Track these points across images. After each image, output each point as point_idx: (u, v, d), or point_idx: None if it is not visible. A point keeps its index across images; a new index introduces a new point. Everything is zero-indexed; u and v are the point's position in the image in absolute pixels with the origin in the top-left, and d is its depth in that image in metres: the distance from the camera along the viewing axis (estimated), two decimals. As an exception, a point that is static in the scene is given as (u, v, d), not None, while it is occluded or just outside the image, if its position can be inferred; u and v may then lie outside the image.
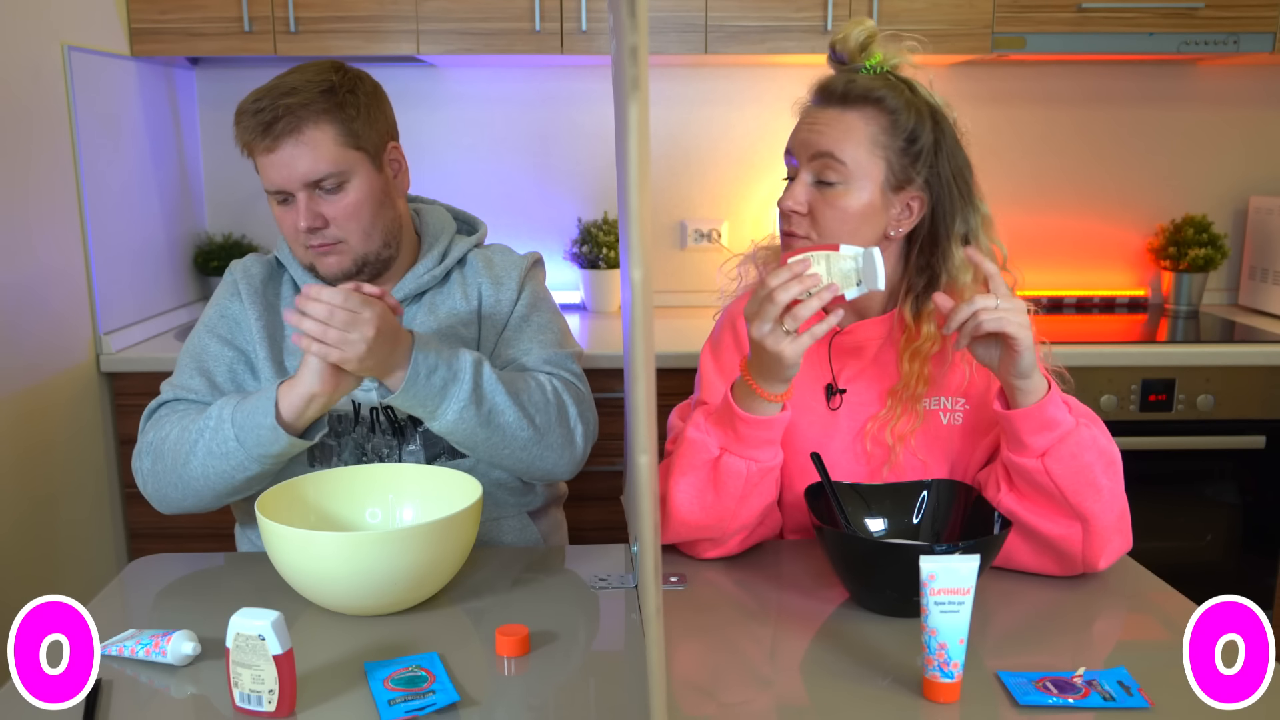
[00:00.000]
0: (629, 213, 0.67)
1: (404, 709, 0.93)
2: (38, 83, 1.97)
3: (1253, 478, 2.26)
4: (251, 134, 1.30)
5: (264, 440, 1.24)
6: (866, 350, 1.31)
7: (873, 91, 1.21)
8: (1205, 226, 2.63)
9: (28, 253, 1.94)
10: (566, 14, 2.27)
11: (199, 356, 1.40)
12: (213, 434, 1.26)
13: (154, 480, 1.33)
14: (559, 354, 1.42)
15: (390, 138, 1.40)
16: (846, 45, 1.26)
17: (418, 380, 1.23)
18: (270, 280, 1.45)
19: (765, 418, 1.17)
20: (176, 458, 1.29)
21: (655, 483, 0.73)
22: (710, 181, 2.71)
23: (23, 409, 1.91)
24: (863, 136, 1.21)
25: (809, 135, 1.23)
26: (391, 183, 1.39)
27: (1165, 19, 2.30)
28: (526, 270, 1.47)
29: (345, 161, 1.31)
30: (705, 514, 1.21)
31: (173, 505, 1.34)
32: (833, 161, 1.21)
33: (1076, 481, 1.14)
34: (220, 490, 1.29)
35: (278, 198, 1.33)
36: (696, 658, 1.05)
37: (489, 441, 1.30)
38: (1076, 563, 1.18)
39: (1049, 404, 1.14)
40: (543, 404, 1.33)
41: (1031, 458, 1.15)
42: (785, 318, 1.09)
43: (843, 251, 1.13)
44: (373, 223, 1.35)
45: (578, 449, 1.37)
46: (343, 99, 1.31)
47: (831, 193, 1.22)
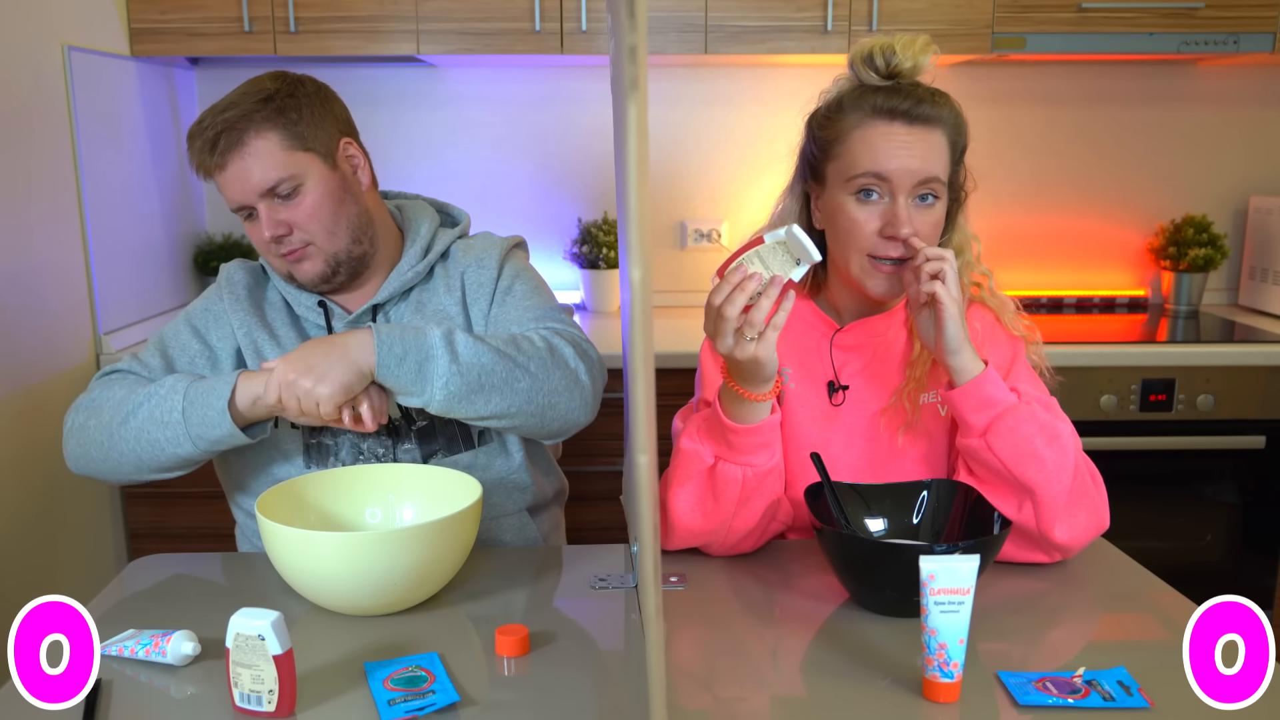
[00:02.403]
0: (629, 213, 0.67)
1: (404, 709, 0.93)
2: (38, 83, 1.97)
3: (1253, 478, 2.26)
4: (200, 156, 1.32)
5: (209, 420, 1.24)
6: (868, 347, 1.31)
7: (939, 109, 1.22)
8: (1205, 226, 2.63)
9: (28, 252, 1.94)
10: (566, 14, 2.27)
11: (167, 340, 1.41)
12: (160, 401, 1.26)
13: (79, 435, 1.33)
14: (545, 310, 1.40)
15: (343, 135, 1.39)
16: (903, 64, 1.21)
17: (389, 370, 1.23)
18: (257, 286, 1.45)
19: (755, 425, 1.17)
20: (115, 416, 1.29)
21: (655, 483, 0.73)
22: (710, 181, 2.71)
23: (22, 408, 1.91)
24: (945, 156, 1.23)
25: (909, 161, 1.20)
26: (351, 179, 1.38)
27: (1165, 19, 2.30)
28: (506, 250, 1.46)
29: (295, 165, 1.32)
30: (706, 520, 1.22)
31: (89, 465, 1.33)
32: (936, 184, 1.22)
33: (1017, 454, 1.15)
34: (143, 460, 1.29)
35: (243, 214, 1.35)
36: (696, 658, 1.05)
37: (490, 404, 1.26)
38: (1038, 540, 1.19)
39: (986, 381, 1.16)
40: (532, 351, 1.29)
41: (975, 437, 1.17)
42: (744, 328, 1.10)
43: (768, 241, 1.12)
44: (335, 221, 1.35)
45: (585, 386, 1.33)
46: (281, 104, 1.32)
47: (929, 210, 1.22)
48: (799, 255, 1.11)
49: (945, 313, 1.15)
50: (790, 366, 1.32)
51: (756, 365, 1.12)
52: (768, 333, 1.10)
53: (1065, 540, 1.18)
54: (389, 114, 2.65)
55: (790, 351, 1.32)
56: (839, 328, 1.32)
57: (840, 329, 1.32)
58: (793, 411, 1.31)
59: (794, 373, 1.32)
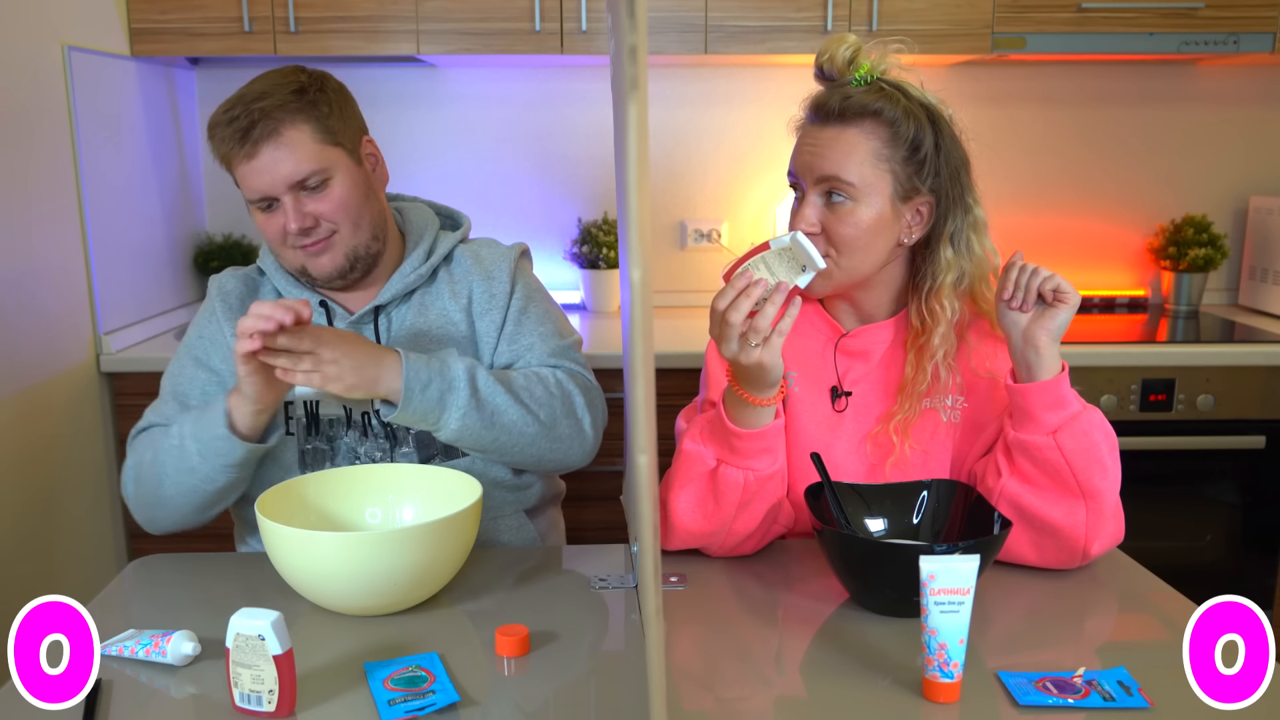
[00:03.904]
0: (629, 213, 0.67)
1: (404, 709, 0.93)
2: (38, 83, 1.97)
3: (1253, 478, 2.26)
4: (229, 144, 1.30)
5: (221, 451, 1.25)
6: (872, 354, 1.31)
7: (869, 105, 1.20)
8: (1205, 226, 2.63)
9: (27, 252, 1.94)
10: (566, 14, 2.27)
11: (176, 382, 1.42)
12: (177, 452, 1.28)
13: (139, 504, 1.36)
14: (560, 345, 1.43)
15: (363, 132, 1.41)
16: (834, 63, 1.24)
17: (413, 396, 1.25)
18: (249, 294, 1.45)
19: (758, 430, 1.17)
20: (153, 481, 1.31)
21: (655, 483, 0.73)
22: (710, 181, 2.71)
23: (23, 409, 1.91)
24: (865, 153, 1.20)
25: (811, 158, 1.22)
26: (371, 176, 1.40)
27: (1165, 19, 2.30)
28: (515, 262, 1.47)
29: (326, 159, 1.32)
30: (707, 522, 1.22)
31: (161, 525, 1.36)
32: (839, 183, 1.20)
33: (1086, 459, 1.15)
34: (198, 504, 1.31)
35: (261, 205, 1.33)
36: (696, 658, 1.05)
37: (497, 442, 1.31)
38: (1077, 550, 1.18)
39: (1063, 382, 1.16)
40: (545, 398, 1.34)
41: (1043, 434, 1.16)
42: (749, 333, 1.10)
43: (773, 247, 1.12)
44: (360, 215, 1.36)
45: (588, 438, 1.39)
46: (314, 97, 1.32)
47: (842, 209, 1.21)
48: (804, 262, 1.11)
49: (1070, 299, 1.16)
50: (795, 370, 1.32)
51: (761, 371, 1.12)
52: (773, 339, 1.10)
53: (1098, 550, 1.19)
54: (389, 114, 2.65)
55: (795, 355, 1.32)
56: (844, 333, 1.32)
57: (845, 334, 1.32)
58: (796, 416, 1.30)
59: (798, 376, 1.32)
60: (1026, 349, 1.17)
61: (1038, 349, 1.16)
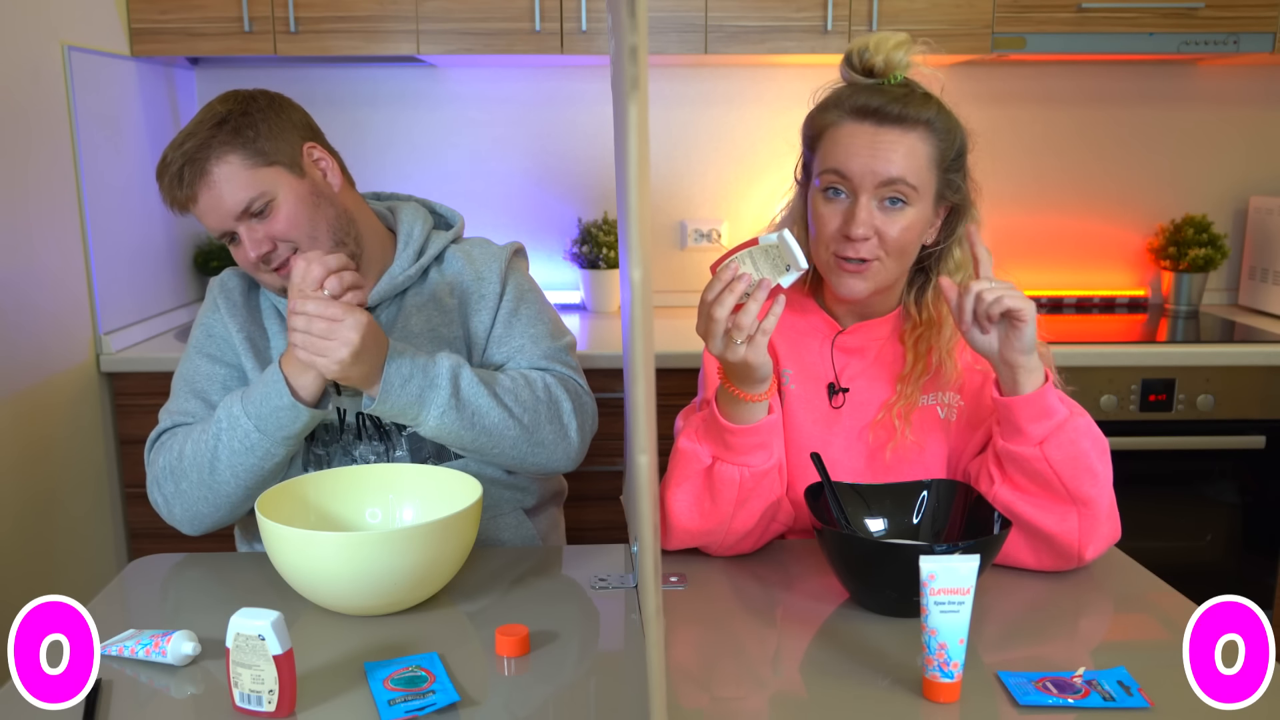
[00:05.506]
0: (629, 213, 0.67)
1: (404, 709, 0.93)
2: (38, 83, 1.97)
3: (1253, 478, 2.26)
4: (170, 193, 1.32)
5: (285, 421, 1.24)
6: (869, 350, 1.31)
7: (924, 113, 1.20)
8: (1205, 226, 2.63)
9: (27, 253, 1.94)
10: (566, 14, 2.27)
11: (192, 379, 1.40)
12: (229, 433, 1.26)
13: (180, 501, 1.32)
14: (552, 347, 1.42)
15: (305, 140, 1.38)
16: (889, 63, 1.22)
17: (391, 390, 1.23)
18: (250, 292, 1.45)
19: (751, 425, 1.17)
20: (200, 470, 1.29)
21: (655, 483, 0.73)
22: (710, 181, 2.71)
23: (23, 409, 1.91)
24: (925, 158, 1.21)
25: (873, 162, 1.20)
26: (321, 183, 1.38)
27: (1165, 19, 2.30)
28: (507, 261, 1.46)
29: (263, 182, 1.31)
30: (704, 520, 1.22)
31: (205, 521, 1.34)
32: (904, 187, 1.20)
33: (1074, 468, 1.15)
34: (252, 485, 1.29)
35: (226, 240, 1.35)
36: (696, 658, 1.05)
37: (477, 442, 1.30)
38: (1071, 555, 1.18)
39: (1048, 392, 1.15)
40: (531, 402, 1.33)
41: (1030, 446, 1.15)
42: (733, 330, 1.10)
43: (761, 243, 1.12)
44: (314, 226, 1.34)
45: (573, 444, 1.37)
46: (237, 124, 1.31)
47: (897, 213, 1.21)
48: (789, 262, 1.11)
49: (1025, 314, 1.12)
50: (791, 367, 1.32)
51: (748, 368, 1.12)
52: (757, 337, 1.10)
53: (1093, 554, 1.19)
54: (389, 114, 2.65)
55: (791, 352, 1.32)
56: (840, 330, 1.32)
57: (842, 331, 1.32)
58: (793, 413, 1.30)
59: (795, 374, 1.32)
60: (1003, 368, 1.16)
61: (1013, 367, 1.15)
